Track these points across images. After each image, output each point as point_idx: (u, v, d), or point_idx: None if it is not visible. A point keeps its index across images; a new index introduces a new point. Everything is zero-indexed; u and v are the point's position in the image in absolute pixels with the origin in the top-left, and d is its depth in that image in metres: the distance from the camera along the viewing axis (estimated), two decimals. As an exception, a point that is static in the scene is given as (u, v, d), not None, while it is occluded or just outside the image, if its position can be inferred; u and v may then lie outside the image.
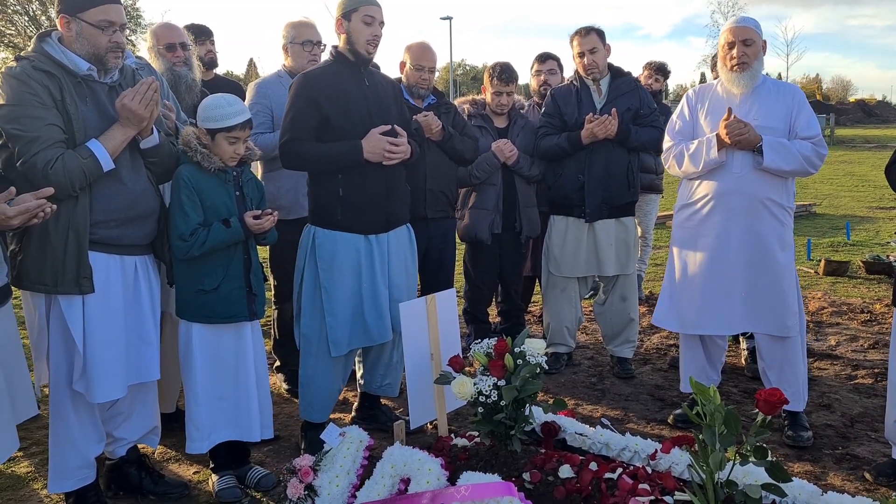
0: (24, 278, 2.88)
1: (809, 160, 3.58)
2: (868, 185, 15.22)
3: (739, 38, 3.64)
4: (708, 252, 3.74)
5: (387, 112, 3.53)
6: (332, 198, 3.45)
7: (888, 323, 5.65)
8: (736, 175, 3.64)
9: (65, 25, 2.84)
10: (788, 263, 3.72)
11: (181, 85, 4.01)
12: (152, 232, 3.10)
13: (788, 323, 3.70)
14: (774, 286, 3.67)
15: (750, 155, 3.61)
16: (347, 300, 3.47)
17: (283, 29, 4.33)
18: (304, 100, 3.41)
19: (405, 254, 3.69)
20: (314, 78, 3.46)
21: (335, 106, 3.41)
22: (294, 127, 3.41)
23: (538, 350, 3.08)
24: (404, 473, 2.89)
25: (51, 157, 2.70)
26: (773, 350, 3.78)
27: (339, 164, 3.40)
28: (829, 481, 3.35)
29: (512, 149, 4.57)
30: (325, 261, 3.45)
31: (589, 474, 2.78)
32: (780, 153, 3.55)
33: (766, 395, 2.48)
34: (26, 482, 3.45)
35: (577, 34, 4.53)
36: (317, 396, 3.59)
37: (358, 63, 3.49)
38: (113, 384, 2.95)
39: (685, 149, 3.76)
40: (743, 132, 3.54)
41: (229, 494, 3.25)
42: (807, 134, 3.63)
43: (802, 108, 3.68)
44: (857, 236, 9.51)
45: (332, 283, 3.45)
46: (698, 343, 3.94)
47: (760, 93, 3.70)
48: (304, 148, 3.40)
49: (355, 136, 3.41)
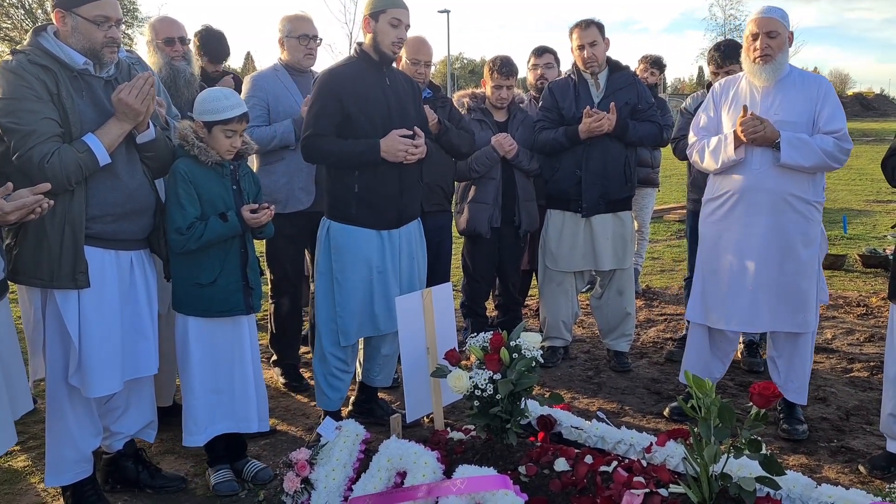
0: (20, 273, 2.88)
1: (832, 155, 3.50)
2: (865, 178, 15.24)
3: (764, 29, 3.56)
4: (731, 247, 3.70)
5: (405, 112, 3.62)
6: (347, 193, 3.53)
7: (884, 316, 5.67)
8: (756, 171, 3.59)
9: (60, 20, 2.83)
10: (811, 259, 3.67)
11: (180, 79, 4.00)
12: (148, 227, 3.10)
13: (806, 319, 3.67)
14: (795, 282, 3.64)
15: (770, 151, 3.55)
16: (357, 291, 3.56)
17: (280, 23, 4.32)
18: (328, 96, 3.48)
19: (416, 247, 3.78)
20: (339, 75, 3.53)
21: (357, 104, 3.49)
22: (317, 122, 3.49)
23: (534, 344, 3.08)
24: (400, 467, 2.89)
25: (47, 151, 2.70)
26: (786, 342, 3.77)
27: (357, 161, 3.49)
28: (823, 474, 3.37)
29: (512, 143, 4.57)
30: (338, 253, 3.55)
31: (584, 467, 2.79)
32: (798, 149, 3.48)
33: (760, 389, 2.49)
34: (23, 476, 3.46)
35: (577, 27, 4.52)
36: (326, 383, 3.69)
37: (381, 63, 3.56)
38: (109, 379, 2.95)
39: (706, 145, 3.73)
40: (759, 129, 3.48)
41: (226, 488, 3.26)
42: (829, 128, 3.53)
43: (827, 101, 3.58)
44: (853, 230, 9.54)
45: (344, 274, 3.54)
46: (705, 335, 3.90)
47: (784, 85, 3.62)
48: (326, 143, 3.48)
49: (374, 134, 3.49)
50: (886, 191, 12.95)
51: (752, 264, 3.65)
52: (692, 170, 4.71)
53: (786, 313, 3.66)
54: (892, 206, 11.53)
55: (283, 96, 4.20)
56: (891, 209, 11.19)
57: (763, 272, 3.65)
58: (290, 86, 4.23)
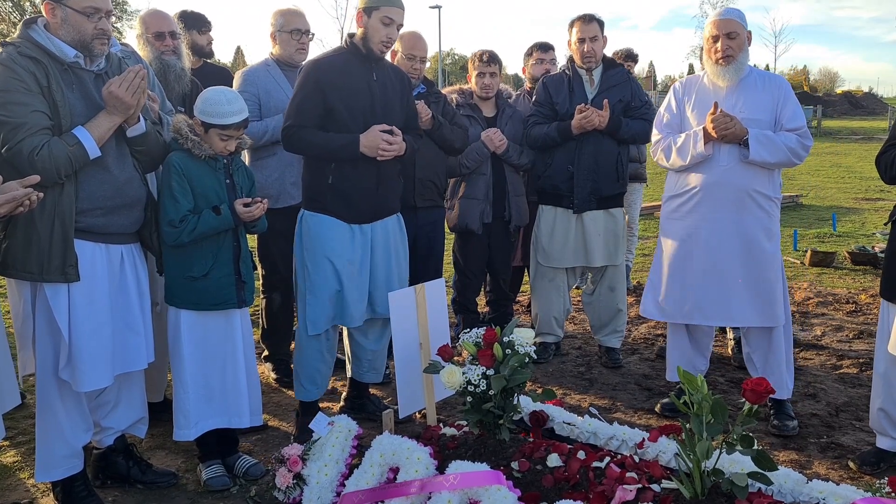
0: (10, 266, 2.85)
1: (794, 152, 3.62)
2: (854, 176, 15.32)
3: (723, 31, 3.66)
4: (695, 243, 3.76)
5: (391, 107, 3.59)
6: (322, 185, 3.52)
7: (873, 313, 5.70)
8: (723, 167, 3.67)
9: (50, 12, 2.80)
10: (775, 254, 3.75)
11: (170, 74, 3.97)
12: (139, 220, 3.08)
13: (775, 313, 3.73)
14: (761, 277, 3.70)
15: (736, 148, 3.64)
16: (325, 281, 3.53)
17: (272, 17, 4.30)
18: (312, 87, 3.46)
19: (395, 243, 3.73)
20: (324, 66, 3.50)
21: (340, 98, 3.46)
22: (299, 113, 3.47)
23: (527, 339, 3.09)
24: (393, 462, 2.89)
25: (37, 143, 2.67)
26: (759, 338, 3.83)
27: (337, 155, 3.47)
28: (814, 469, 3.38)
29: (501, 138, 4.57)
30: (308, 242, 3.55)
31: (577, 463, 2.79)
32: (765, 146, 3.58)
33: (752, 385, 2.50)
34: (13, 472, 3.43)
35: (579, 20, 4.52)
36: (303, 373, 3.68)
37: (369, 58, 3.53)
38: (99, 373, 2.93)
39: (673, 142, 3.78)
40: (729, 126, 3.55)
41: (218, 483, 3.25)
42: (792, 126, 3.65)
43: (788, 99, 3.70)
44: (842, 227, 9.58)
45: (314, 263, 3.53)
46: (684, 332, 3.97)
47: (746, 85, 3.72)
48: (307, 135, 3.46)
49: (356, 128, 3.47)
50: (875, 188, 13.04)
51: (717, 259, 3.72)
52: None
53: (755, 307, 3.72)
54: (880, 203, 11.60)
55: (275, 91, 4.18)
56: (879, 206, 11.26)
57: (729, 267, 3.71)
58: (281, 81, 4.21)
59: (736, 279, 3.71)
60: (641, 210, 6.93)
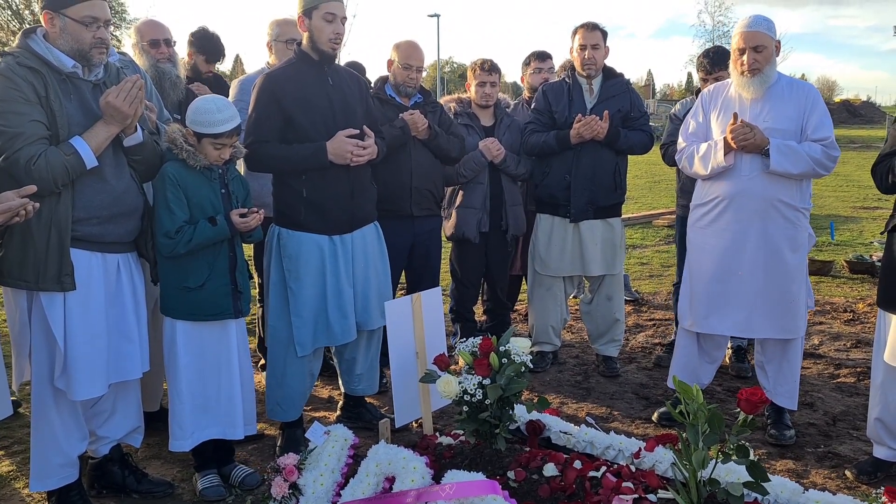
0: (6, 275, 2.85)
1: (819, 162, 3.53)
2: (852, 185, 15.34)
3: (750, 44, 3.56)
4: (719, 253, 3.72)
5: (351, 111, 3.52)
6: (295, 198, 3.45)
7: (871, 322, 5.70)
8: (745, 177, 3.61)
9: (49, 21, 2.81)
10: (799, 265, 3.70)
11: (165, 81, 3.98)
12: (135, 230, 3.09)
13: (795, 325, 3.69)
14: (783, 288, 3.65)
15: (759, 158, 3.57)
16: (312, 300, 3.46)
17: (269, 26, 4.32)
18: (266, 100, 3.39)
19: (373, 253, 3.68)
20: (276, 78, 3.44)
21: (297, 106, 3.40)
22: (258, 129, 3.40)
23: (523, 349, 3.09)
24: (389, 472, 2.89)
25: (34, 153, 2.68)
26: (775, 348, 3.78)
27: (304, 166, 3.40)
28: (811, 479, 3.38)
29: (499, 147, 4.57)
30: (290, 261, 3.45)
31: (573, 472, 2.79)
32: (787, 156, 3.51)
33: (747, 395, 2.50)
34: (7, 481, 3.42)
35: (582, 27, 4.53)
36: (286, 397, 3.58)
37: (322, 62, 3.47)
38: (94, 382, 2.93)
39: (696, 151, 3.75)
40: (748, 137, 3.50)
41: (213, 493, 3.24)
42: (817, 136, 3.56)
43: (815, 108, 3.61)
44: (840, 236, 9.59)
45: (298, 283, 3.45)
46: (694, 341, 3.92)
47: (773, 94, 3.64)
48: (269, 150, 3.40)
49: (318, 136, 3.41)
50: (873, 197, 13.05)
51: (742, 269, 3.67)
52: (681, 175, 4.73)
53: (776, 319, 3.68)
54: (878, 212, 11.62)
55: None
56: (877, 216, 11.27)
57: (752, 277, 3.66)
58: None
59: (757, 290, 3.65)
60: (639, 219, 6.93)
